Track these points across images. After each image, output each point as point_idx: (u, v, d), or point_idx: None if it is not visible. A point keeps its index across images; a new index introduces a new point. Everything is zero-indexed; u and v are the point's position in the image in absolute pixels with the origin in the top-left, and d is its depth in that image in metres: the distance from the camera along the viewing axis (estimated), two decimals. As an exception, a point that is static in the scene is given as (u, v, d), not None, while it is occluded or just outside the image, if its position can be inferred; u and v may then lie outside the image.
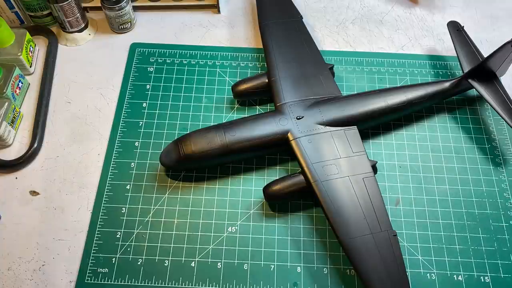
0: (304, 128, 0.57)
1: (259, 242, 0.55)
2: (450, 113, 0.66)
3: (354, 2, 0.78)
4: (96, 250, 0.55)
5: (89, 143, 0.62)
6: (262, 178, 0.60)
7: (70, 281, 0.53)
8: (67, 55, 0.71)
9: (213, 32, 0.74)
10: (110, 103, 0.66)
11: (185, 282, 0.53)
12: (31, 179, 0.60)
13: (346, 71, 0.69)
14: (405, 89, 0.61)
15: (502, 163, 0.62)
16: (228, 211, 0.58)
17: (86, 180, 0.60)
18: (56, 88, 0.67)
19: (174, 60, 0.70)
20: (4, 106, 0.60)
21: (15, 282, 0.53)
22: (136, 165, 0.60)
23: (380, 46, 0.73)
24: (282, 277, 0.53)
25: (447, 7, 0.78)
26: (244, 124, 0.57)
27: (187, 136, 0.56)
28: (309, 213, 0.57)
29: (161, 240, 0.56)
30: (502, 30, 0.75)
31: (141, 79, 0.68)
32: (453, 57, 0.70)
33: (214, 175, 0.60)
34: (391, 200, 0.58)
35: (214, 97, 0.66)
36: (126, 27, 0.72)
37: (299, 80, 0.62)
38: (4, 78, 0.62)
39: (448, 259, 0.55)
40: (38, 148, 0.62)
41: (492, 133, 0.64)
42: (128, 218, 0.57)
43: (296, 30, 0.67)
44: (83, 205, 0.58)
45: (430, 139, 0.63)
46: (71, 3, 0.66)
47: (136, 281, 0.53)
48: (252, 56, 0.71)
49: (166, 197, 0.58)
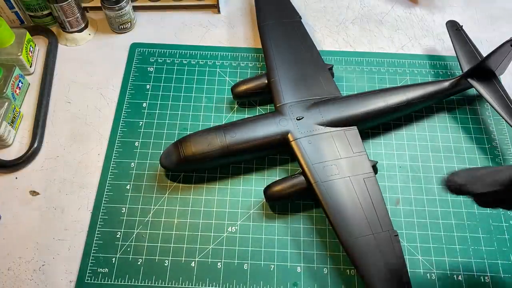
0: (304, 128, 0.57)
1: (259, 242, 0.56)
2: (450, 113, 0.66)
3: (354, 2, 0.78)
4: (96, 250, 0.55)
5: (89, 143, 0.63)
6: (262, 178, 0.60)
7: (70, 281, 0.53)
8: (67, 55, 0.71)
9: (213, 32, 0.74)
10: (110, 103, 0.66)
11: (185, 282, 0.53)
12: (31, 179, 0.60)
13: (346, 71, 0.69)
14: (405, 89, 0.61)
15: (502, 163, 0.62)
16: (228, 211, 0.58)
17: (86, 180, 0.60)
18: (56, 88, 0.67)
19: (174, 60, 0.70)
20: (4, 106, 0.60)
21: (15, 282, 0.53)
22: (136, 165, 0.60)
23: (380, 46, 0.73)
24: (282, 277, 0.53)
25: (447, 7, 0.78)
26: (244, 125, 0.57)
27: (187, 138, 0.56)
28: (309, 213, 0.57)
29: (161, 240, 0.56)
30: (502, 30, 0.75)
31: (141, 79, 0.68)
32: (453, 57, 0.70)
33: (214, 175, 0.60)
34: (391, 200, 0.58)
35: (214, 97, 0.66)
36: (126, 27, 0.72)
37: (298, 80, 0.62)
38: (4, 78, 0.62)
39: (448, 259, 0.55)
40: (38, 148, 0.62)
41: (492, 133, 0.64)
42: (128, 218, 0.57)
43: (295, 30, 0.67)
44: (83, 205, 0.58)
45: (430, 139, 0.63)
46: (71, 3, 0.66)
47: (136, 281, 0.53)
48: (252, 56, 0.71)
49: (166, 197, 0.58)
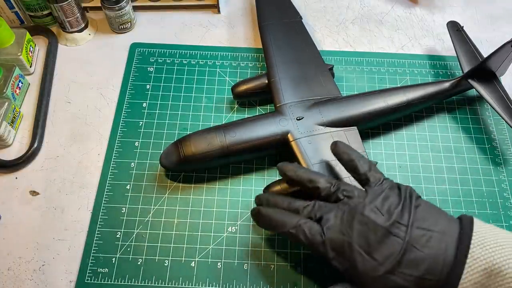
0: (304, 129, 0.57)
1: (259, 242, 0.56)
2: (450, 113, 0.66)
3: (354, 2, 0.78)
4: (96, 250, 0.55)
5: (89, 143, 0.63)
6: (262, 178, 0.60)
7: (70, 281, 0.53)
8: (67, 55, 0.71)
9: (213, 32, 0.74)
10: (110, 103, 0.66)
11: (185, 282, 0.53)
12: (31, 179, 0.60)
13: (346, 71, 0.69)
14: (405, 89, 0.61)
15: (502, 163, 0.62)
16: (228, 211, 0.58)
17: (86, 180, 0.60)
18: (56, 88, 0.67)
19: (174, 60, 0.70)
20: (4, 106, 0.60)
21: (15, 282, 0.53)
22: (136, 165, 0.60)
23: (380, 46, 0.73)
24: (282, 277, 0.53)
25: (447, 7, 0.78)
26: (244, 125, 0.57)
27: (186, 138, 0.56)
28: (309, 213, 0.57)
29: (161, 240, 0.56)
30: (502, 30, 0.75)
31: (141, 79, 0.68)
32: (453, 57, 0.70)
33: (214, 175, 0.60)
34: (391, 200, 0.58)
35: (214, 97, 0.66)
36: (126, 27, 0.72)
37: (299, 81, 0.62)
38: (4, 78, 0.62)
39: (448, 259, 0.55)
40: (38, 148, 0.62)
41: (492, 133, 0.64)
42: (128, 218, 0.57)
43: (295, 30, 0.67)
44: (83, 205, 0.58)
45: (430, 139, 0.63)
46: (71, 3, 0.66)
47: (136, 281, 0.53)
48: (252, 56, 0.71)
49: (166, 197, 0.58)
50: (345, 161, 0.49)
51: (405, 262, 0.40)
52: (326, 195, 0.47)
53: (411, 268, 0.40)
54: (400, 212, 0.42)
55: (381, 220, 0.41)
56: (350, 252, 0.42)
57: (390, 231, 0.41)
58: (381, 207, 0.42)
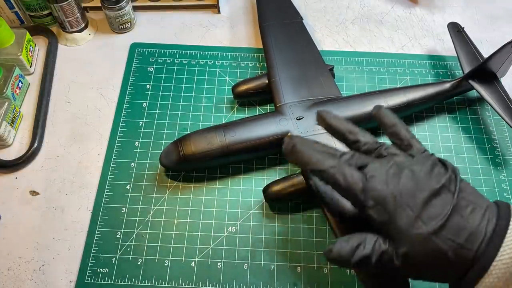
0: (304, 129, 0.57)
1: (259, 242, 0.56)
2: (450, 113, 0.66)
3: (354, 2, 0.78)
4: (96, 250, 0.55)
5: (89, 143, 0.63)
6: (262, 178, 0.60)
7: (70, 281, 0.53)
8: (67, 55, 0.71)
9: (213, 32, 0.74)
10: (110, 103, 0.66)
11: (185, 282, 0.53)
12: (31, 179, 0.60)
13: (346, 71, 0.69)
14: (405, 90, 0.61)
15: (502, 163, 0.62)
16: (228, 211, 0.58)
17: (86, 180, 0.60)
18: (56, 88, 0.67)
19: (174, 60, 0.70)
20: (4, 106, 0.60)
21: (15, 282, 0.53)
22: (136, 165, 0.60)
23: (380, 46, 0.73)
24: (282, 277, 0.53)
25: (447, 7, 0.78)
26: (244, 124, 0.57)
27: (187, 137, 0.56)
28: (309, 213, 0.57)
29: (161, 240, 0.56)
30: (502, 30, 0.75)
31: (141, 79, 0.68)
32: (453, 57, 0.70)
33: (214, 175, 0.60)
34: (391, 200, 0.58)
35: (214, 97, 0.66)
36: (126, 27, 0.72)
37: (299, 81, 0.62)
38: (4, 78, 0.62)
39: (448, 259, 0.55)
40: (38, 148, 0.62)
41: (492, 133, 0.64)
42: (128, 218, 0.57)
43: (296, 31, 0.67)
44: (83, 205, 0.58)
45: (430, 139, 0.63)
46: (71, 3, 0.66)
47: (136, 281, 0.53)
48: (252, 56, 0.71)
49: (166, 197, 0.58)
50: (387, 125, 0.45)
51: (448, 226, 0.38)
52: (366, 150, 0.43)
53: (454, 234, 0.38)
54: (448, 180, 0.41)
55: (430, 180, 0.40)
56: (394, 205, 0.39)
57: (439, 192, 0.40)
58: (428, 171, 0.41)
